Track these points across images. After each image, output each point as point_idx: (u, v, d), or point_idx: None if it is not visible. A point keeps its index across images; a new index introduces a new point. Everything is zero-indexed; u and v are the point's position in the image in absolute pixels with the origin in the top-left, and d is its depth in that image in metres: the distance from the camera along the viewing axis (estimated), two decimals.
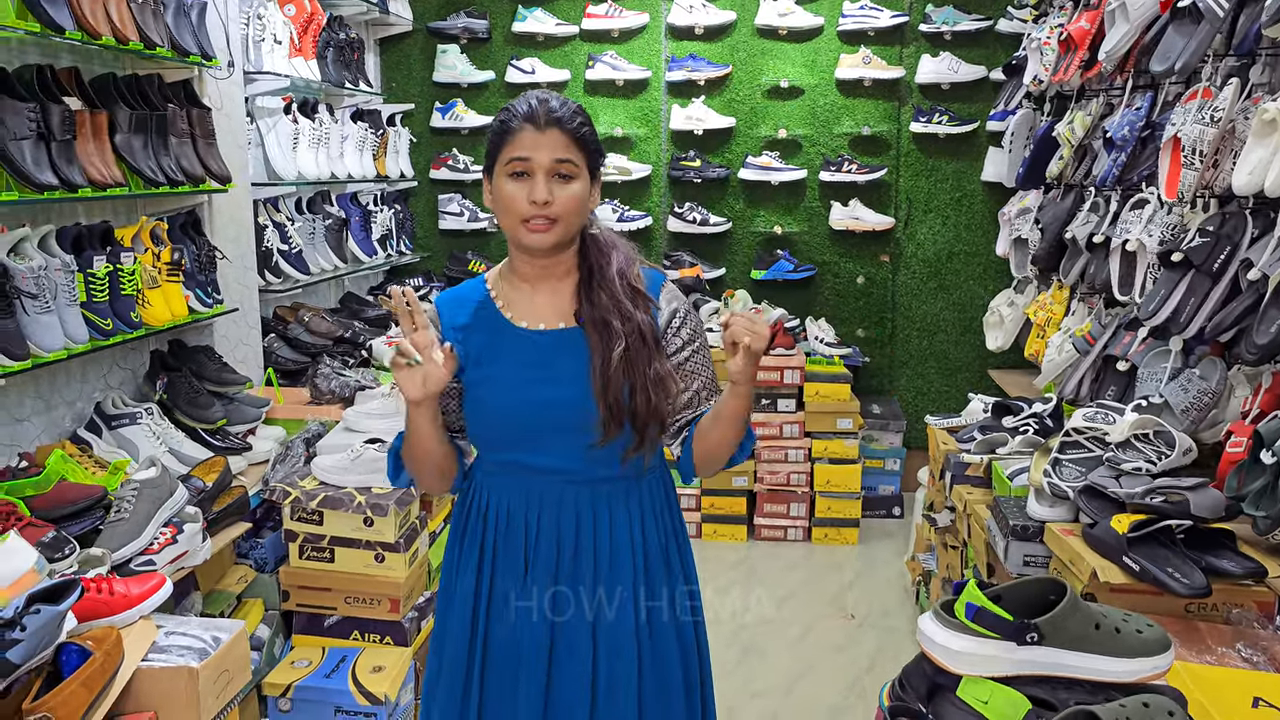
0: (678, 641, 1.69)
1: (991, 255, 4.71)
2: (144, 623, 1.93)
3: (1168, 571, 1.89)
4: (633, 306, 1.62)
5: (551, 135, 1.57)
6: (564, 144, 1.58)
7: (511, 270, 1.69)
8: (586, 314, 1.62)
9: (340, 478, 2.74)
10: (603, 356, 1.59)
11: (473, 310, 1.68)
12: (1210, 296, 2.46)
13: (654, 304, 1.66)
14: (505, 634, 1.66)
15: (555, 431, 1.61)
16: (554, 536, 1.65)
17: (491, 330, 1.66)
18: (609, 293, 1.62)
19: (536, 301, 1.67)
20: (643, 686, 1.65)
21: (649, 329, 1.62)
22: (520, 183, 1.57)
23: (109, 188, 2.48)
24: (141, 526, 2.24)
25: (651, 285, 1.68)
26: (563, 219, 1.58)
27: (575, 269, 1.68)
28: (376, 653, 2.69)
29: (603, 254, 1.67)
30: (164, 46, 2.70)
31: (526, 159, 1.56)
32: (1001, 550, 2.30)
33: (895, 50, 4.71)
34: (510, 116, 1.60)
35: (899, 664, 3.34)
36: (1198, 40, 2.44)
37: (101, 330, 2.47)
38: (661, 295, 1.68)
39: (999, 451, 2.87)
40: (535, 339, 1.64)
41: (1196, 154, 2.40)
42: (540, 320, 1.66)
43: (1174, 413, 2.49)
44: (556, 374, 1.61)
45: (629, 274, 1.65)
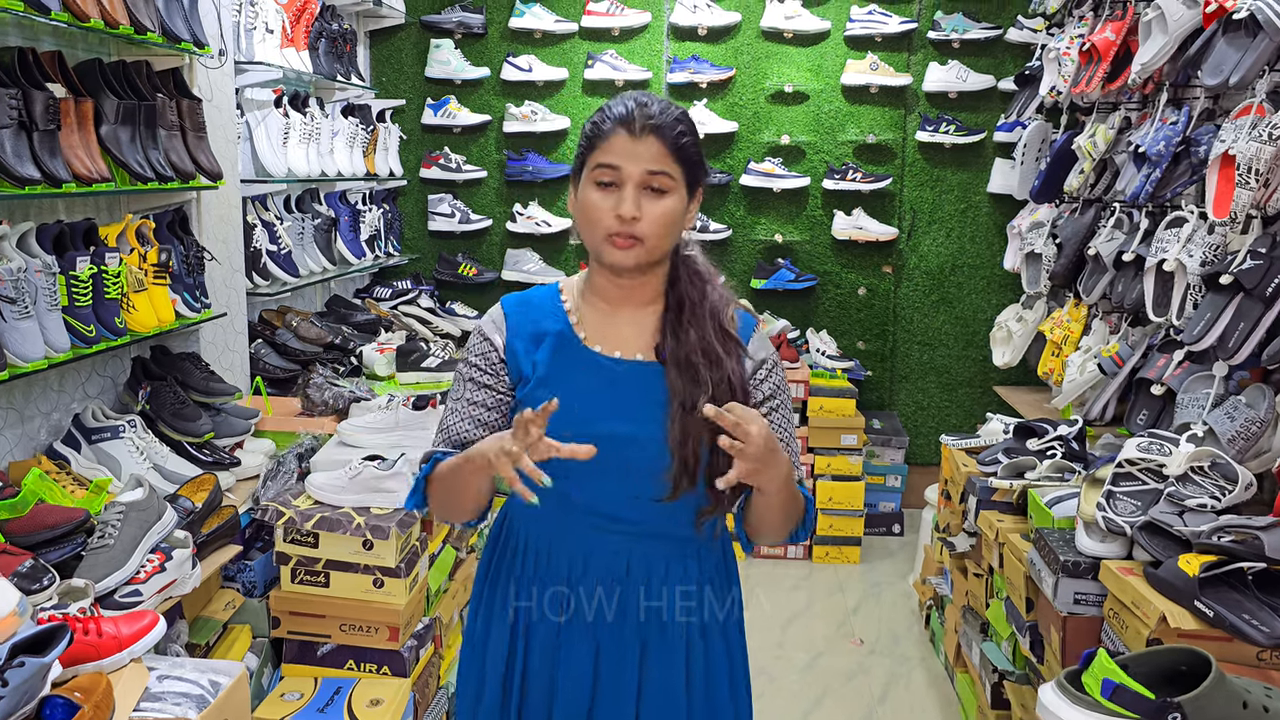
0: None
1: (996, 269, 4.62)
2: (135, 666, 1.75)
3: (1243, 618, 1.78)
4: (723, 351, 1.46)
5: (647, 143, 1.41)
6: (660, 154, 1.42)
7: (590, 287, 1.54)
8: (671, 350, 1.46)
9: (337, 497, 2.57)
10: (684, 402, 1.43)
11: (544, 321, 1.52)
12: (1262, 322, 2.36)
13: (744, 351, 1.50)
14: (542, 687, 1.51)
15: (618, 472, 1.45)
16: (597, 585, 1.50)
17: (562, 348, 1.50)
18: (699, 331, 1.46)
19: (616, 326, 1.51)
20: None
21: (739, 381, 1.46)
22: (607, 193, 1.42)
23: (95, 182, 2.29)
24: (128, 553, 2.05)
25: (744, 329, 1.52)
26: (650, 238, 1.42)
27: (662, 296, 1.52)
28: (374, 684, 2.52)
29: (695, 285, 1.50)
30: (155, 31, 2.50)
31: (616, 167, 1.41)
32: (1050, 587, 2.18)
33: (903, 57, 4.60)
34: (604, 118, 1.45)
35: (912, 694, 3.28)
36: (1256, 53, 2.33)
37: (84, 337, 2.28)
38: (752, 341, 1.52)
39: (1028, 476, 2.75)
40: (610, 367, 1.48)
41: (1252, 172, 2.30)
42: (617, 348, 1.50)
43: (1220, 441, 2.39)
44: (629, 410, 1.46)
45: (723, 314, 1.49)
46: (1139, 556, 2.08)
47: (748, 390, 1.48)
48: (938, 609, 3.48)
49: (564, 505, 1.48)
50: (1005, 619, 2.60)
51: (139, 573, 2.06)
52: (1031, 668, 2.47)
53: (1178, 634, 1.84)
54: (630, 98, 1.46)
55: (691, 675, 1.51)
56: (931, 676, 3.32)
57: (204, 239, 2.91)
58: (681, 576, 1.50)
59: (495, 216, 4.78)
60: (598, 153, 1.43)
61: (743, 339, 1.51)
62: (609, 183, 1.42)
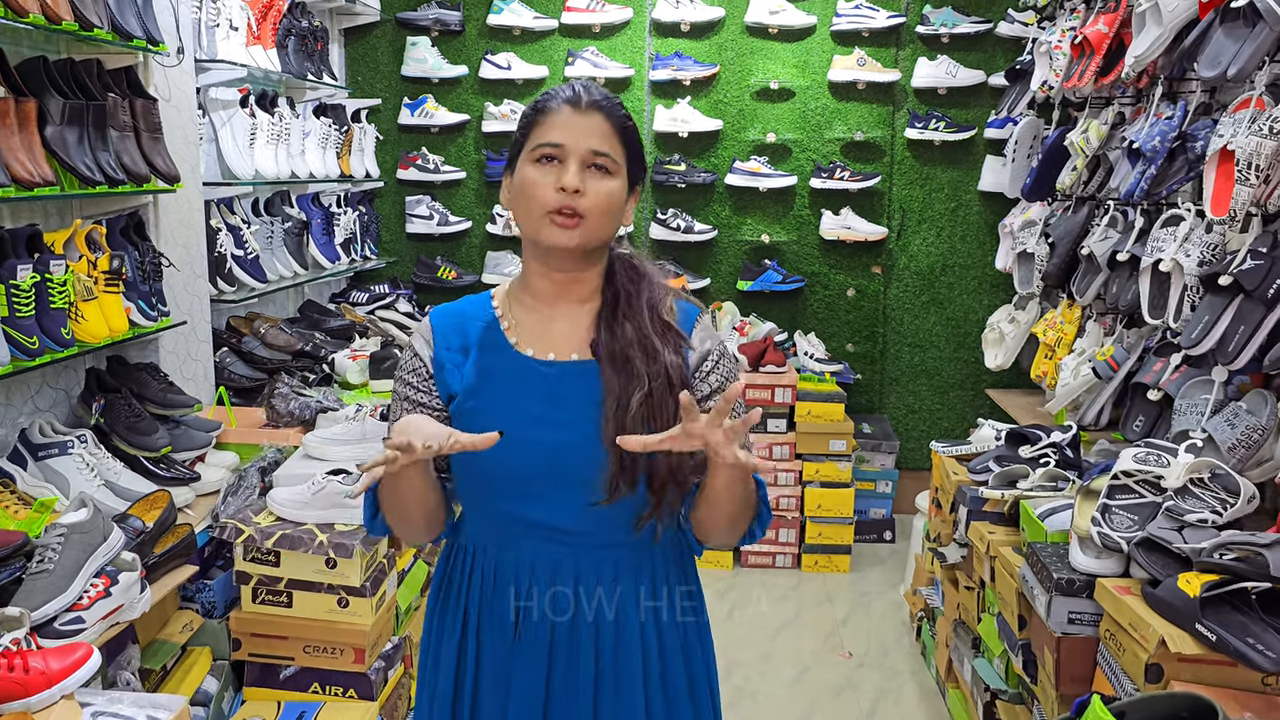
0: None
1: (987, 269, 4.51)
2: (65, 704, 1.63)
3: (1248, 642, 1.67)
4: (661, 344, 1.38)
5: (593, 120, 1.35)
6: (605, 131, 1.35)
7: (524, 287, 1.45)
8: (605, 346, 1.38)
9: (300, 513, 2.46)
10: (619, 399, 1.34)
11: (472, 330, 1.44)
12: (1263, 325, 2.26)
13: (685, 342, 1.41)
14: (495, 709, 1.44)
15: (555, 481, 1.38)
16: (547, 605, 1.42)
17: (492, 355, 1.42)
18: (635, 325, 1.38)
19: (549, 327, 1.42)
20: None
21: (678, 373, 1.38)
22: (547, 169, 1.34)
23: (37, 186, 2.17)
24: (69, 578, 1.94)
25: (685, 320, 1.44)
26: (592, 216, 1.33)
27: (599, 293, 1.43)
28: (339, 708, 2.42)
29: (632, 280, 1.43)
30: (103, 28, 2.39)
31: (559, 145, 1.33)
32: (1043, 606, 2.07)
33: (891, 52, 4.49)
34: (547, 98, 1.38)
35: (903, 710, 3.17)
36: (1255, 44, 2.23)
37: (26, 350, 2.16)
38: (694, 333, 1.44)
39: (1020, 486, 2.65)
40: (541, 370, 1.40)
41: (1253, 168, 2.20)
42: (550, 349, 1.41)
43: (1219, 450, 2.28)
44: (562, 414, 1.38)
45: (661, 306, 1.42)
46: (1136, 574, 1.98)
47: (689, 383, 1.40)
48: (929, 621, 3.38)
49: (506, 521, 1.41)
50: (998, 636, 2.50)
51: (82, 598, 1.95)
52: (1025, 687, 2.37)
53: (1178, 659, 1.74)
54: (576, 82, 1.40)
55: (649, 679, 1.44)
56: (922, 691, 3.22)
57: (162, 244, 2.79)
58: (632, 581, 1.43)
59: (475, 218, 4.67)
60: (539, 130, 1.35)
61: (684, 330, 1.43)
62: (550, 158, 1.34)
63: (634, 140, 1.40)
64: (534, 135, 1.36)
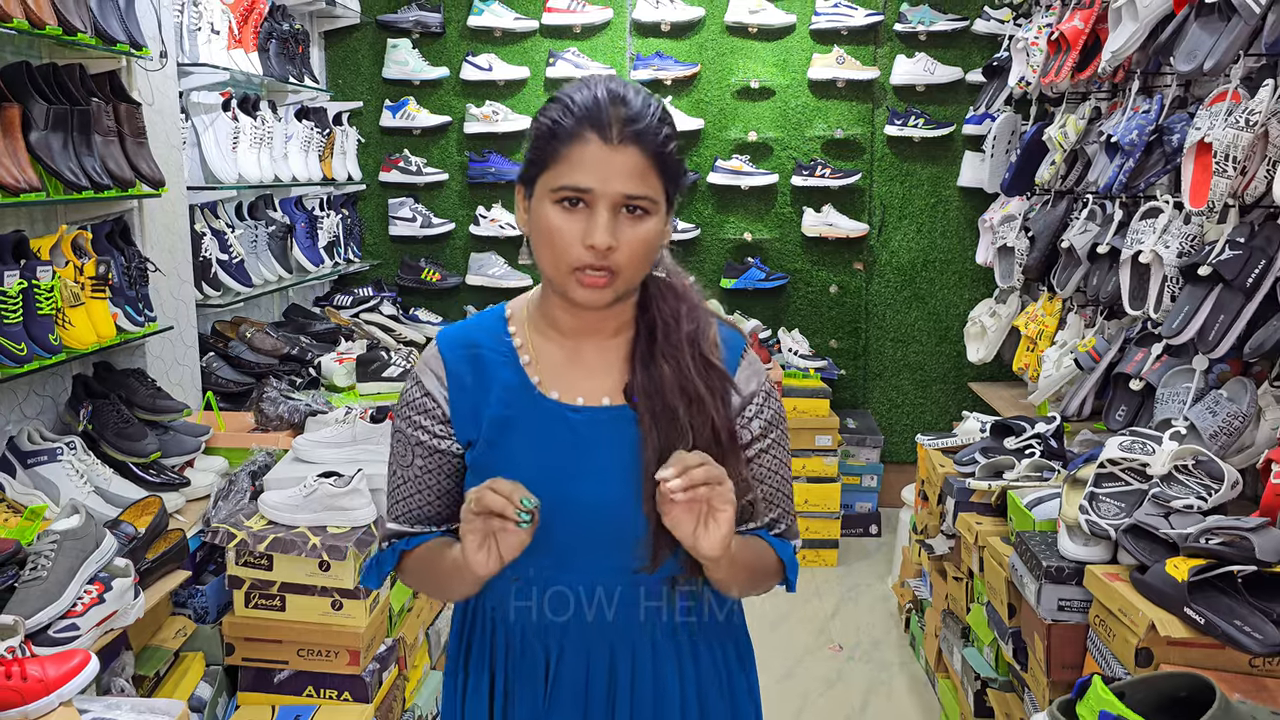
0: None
1: (968, 263, 4.56)
2: (64, 711, 1.63)
3: (1235, 624, 1.71)
4: (705, 388, 1.20)
5: (626, 155, 1.13)
6: (640, 168, 1.13)
7: (544, 315, 1.27)
8: (642, 390, 1.21)
9: (291, 516, 2.46)
10: (659, 455, 1.17)
11: (487, 363, 1.26)
12: (1242, 314, 2.30)
13: (730, 384, 1.24)
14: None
15: (585, 544, 1.23)
16: (580, 681, 1.28)
17: (512, 397, 1.24)
18: (675, 365, 1.20)
19: (576, 364, 1.25)
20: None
21: (725, 425, 1.21)
22: (573, 216, 1.14)
23: (23, 192, 2.16)
24: (62, 586, 1.93)
25: (730, 355, 1.26)
26: (626, 269, 1.15)
27: (631, 323, 1.26)
28: (334, 711, 2.42)
29: (670, 305, 1.24)
30: (86, 33, 2.38)
31: (586, 190, 1.13)
32: (1033, 593, 2.10)
33: (869, 50, 4.52)
34: (565, 113, 1.15)
35: (894, 702, 3.19)
36: (1230, 38, 2.27)
37: (14, 356, 2.15)
38: (739, 371, 1.26)
39: (1006, 477, 2.68)
40: (569, 417, 1.23)
41: (1230, 160, 2.23)
42: (578, 392, 1.24)
43: (1202, 437, 2.32)
44: (591, 467, 1.22)
45: (703, 340, 1.23)
46: (1124, 560, 2.01)
47: (734, 432, 1.24)
48: (917, 612, 3.41)
49: (531, 584, 1.27)
50: (987, 624, 2.53)
51: (76, 605, 1.94)
52: (1015, 675, 2.40)
53: (1167, 642, 1.77)
54: (600, 86, 1.16)
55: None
56: (913, 682, 3.25)
57: (148, 249, 2.78)
58: (673, 661, 1.30)
59: (458, 220, 4.67)
60: (560, 165, 1.14)
61: (730, 365, 1.25)
62: (576, 201, 1.14)
63: (675, 163, 1.18)
64: (555, 168, 1.15)
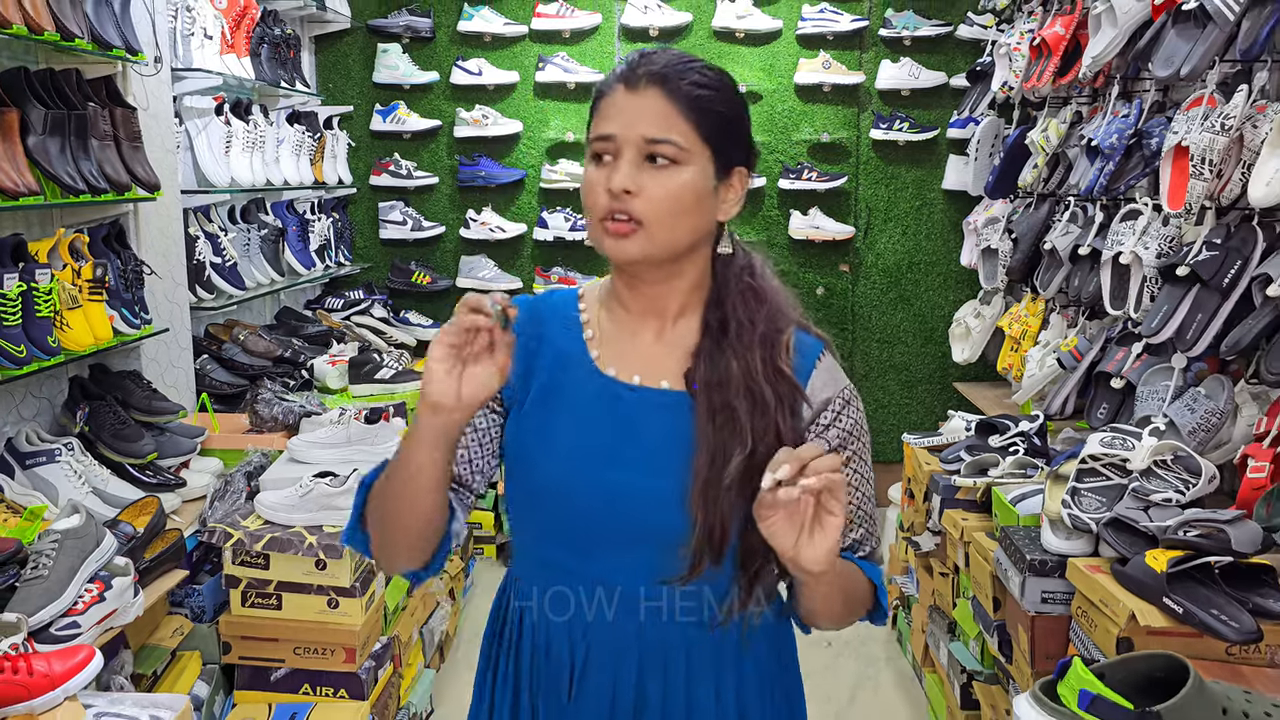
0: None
1: (952, 265, 4.62)
2: (69, 705, 1.66)
3: (1213, 614, 1.76)
4: (772, 394, 1.12)
5: (648, 99, 1.09)
6: (664, 112, 1.09)
7: (612, 293, 1.22)
8: (704, 380, 1.13)
9: (288, 516, 2.49)
10: (713, 455, 1.10)
11: (550, 329, 1.21)
12: (1219, 313, 2.35)
13: (801, 395, 1.15)
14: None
15: (622, 535, 1.13)
16: (606, 689, 1.19)
17: (568, 366, 1.18)
18: (743, 365, 1.13)
19: (638, 343, 1.18)
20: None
21: (790, 436, 1.12)
22: (601, 167, 1.11)
23: (22, 196, 2.19)
24: (64, 584, 1.96)
25: (804, 362, 1.16)
26: (651, 221, 1.08)
27: (699, 308, 1.18)
28: (331, 708, 2.45)
29: (747, 299, 1.17)
30: (83, 38, 2.41)
31: (609, 137, 1.10)
32: (1017, 586, 2.15)
33: (855, 55, 4.59)
34: (608, 77, 1.15)
35: (881, 696, 3.24)
36: (1206, 44, 2.33)
37: (14, 358, 2.18)
38: (813, 378, 1.17)
39: (990, 474, 2.74)
40: (622, 395, 1.16)
41: (1206, 163, 2.29)
42: (635, 370, 1.17)
43: (1180, 434, 2.38)
44: (638, 452, 1.13)
45: (778, 344, 1.14)
46: (1105, 553, 2.06)
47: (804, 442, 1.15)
48: (904, 608, 3.46)
49: (561, 574, 1.19)
50: (972, 618, 2.58)
51: (77, 604, 1.97)
52: (1000, 667, 2.45)
53: (1147, 632, 1.82)
54: (644, 49, 1.15)
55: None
56: (899, 677, 3.30)
57: (143, 252, 2.81)
58: (711, 682, 1.20)
59: (448, 223, 4.70)
60: (595, 120, 1.13)
61: (803, 372, 1.16)
62: (602, 155, 1.11)
63: (715, 112, 1.11)
64: (592, 126, 1.13)
